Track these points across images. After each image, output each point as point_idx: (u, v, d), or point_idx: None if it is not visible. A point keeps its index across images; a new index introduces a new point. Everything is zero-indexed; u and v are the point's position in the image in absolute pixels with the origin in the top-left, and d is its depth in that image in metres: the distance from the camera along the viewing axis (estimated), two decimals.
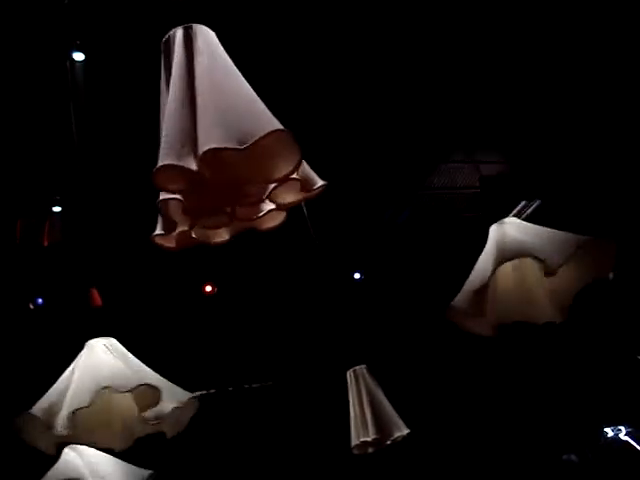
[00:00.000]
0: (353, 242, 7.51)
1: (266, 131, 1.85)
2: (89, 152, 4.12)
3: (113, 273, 5.25)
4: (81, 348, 2.81)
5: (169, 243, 2.14)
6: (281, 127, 1.87)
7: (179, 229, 2.11)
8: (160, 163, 1.88)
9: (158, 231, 2.10)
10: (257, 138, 1.84)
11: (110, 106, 5.02)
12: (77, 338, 2.88)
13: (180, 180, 1.92)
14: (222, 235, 2.20)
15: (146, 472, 3.96)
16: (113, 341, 2.83)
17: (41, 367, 5.32)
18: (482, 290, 2.86)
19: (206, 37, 2.16)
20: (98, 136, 4.94)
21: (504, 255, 2.88)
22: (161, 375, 2.81)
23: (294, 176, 1.97)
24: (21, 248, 6.15)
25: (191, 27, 2.15)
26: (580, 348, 7.99)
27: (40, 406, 2.68)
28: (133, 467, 3.97)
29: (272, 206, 2.14)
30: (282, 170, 1.95)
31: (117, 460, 3.90)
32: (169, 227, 2.08)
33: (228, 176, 1.98)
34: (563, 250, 2.79)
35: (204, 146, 1.84)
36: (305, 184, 2.06)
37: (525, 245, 2.86)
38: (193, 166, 1.87)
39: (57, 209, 6.01)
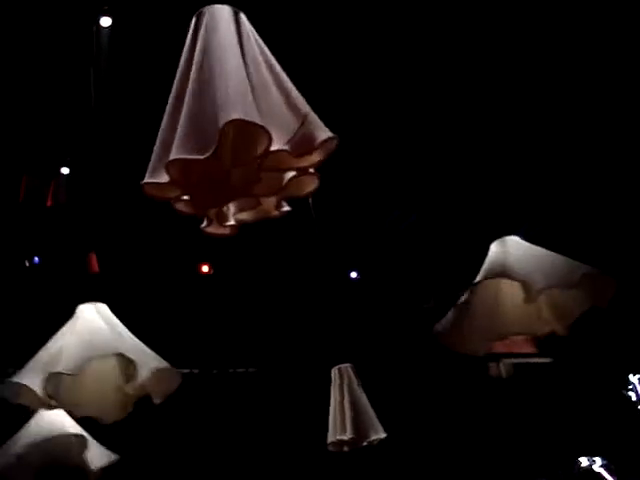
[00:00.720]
0: (353, 242, 7.53)
1: (220, 125, 1.83)
2: (105, 118, 4.12)
3: (113, 241, 5.24)
4: (72, 311, 2.80)
5: (221, 230, 2.15)
6: (238, 116, 1.85)
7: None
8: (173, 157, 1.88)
9: (206, 224, 2.12)
10: (216, 138, 1.83)
11: (130, 75, 5.02)
12: (69, 301, 2.87)
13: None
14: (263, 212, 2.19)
15: (113, 455, 3.99)
16: (104, 308, 2.83)
17: (30, 325, 5.34)
18: (462, 307, 2.87)
19: (220, 20, 2.12)
20: (115, 103, 4.94)
21: (485, 274, 2.89)
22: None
23: (281, 148, 1.92)
24: (24, 205, 6.15)
25: (218, 9, 2.13)
26: (567, 378, 8.01)
27: (30, 368, 2.66)
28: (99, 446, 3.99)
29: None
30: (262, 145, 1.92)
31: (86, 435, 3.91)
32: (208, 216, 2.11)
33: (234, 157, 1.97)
34: (551, 276, 2.79)
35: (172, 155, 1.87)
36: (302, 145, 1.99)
37: (507, 266, 2.86)
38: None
39: (65, 171, 6.01)
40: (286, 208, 2.17)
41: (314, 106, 2.02)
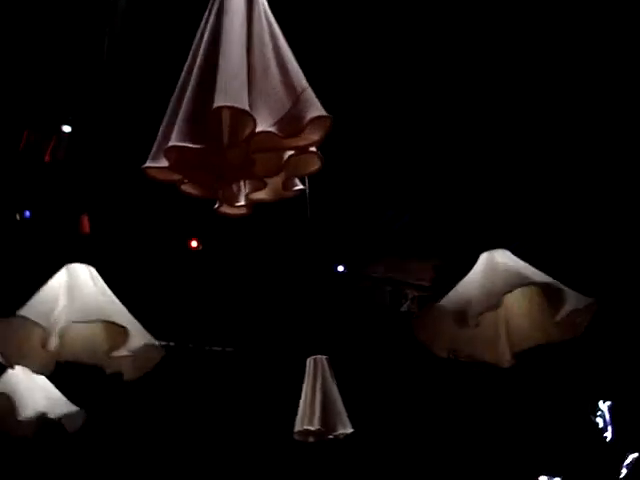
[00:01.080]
0: (345, 237, 7.54)
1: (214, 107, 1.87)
2: (113, 82, 4.11)
3: (106, 205, 5.24)
4: (58, 268, 2.78)
5: (234, 211, 2.16)
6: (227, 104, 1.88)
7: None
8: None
9: (233, 204, 2.13)
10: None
11: (145, 44, 5.00)
12: (56, 258, 2.87)
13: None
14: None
15: (74, 408, 3.96)
16: (94, 271, 2.80)
17: (15, 278, 5.34)
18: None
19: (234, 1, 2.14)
20: (125, 69, 4.92)
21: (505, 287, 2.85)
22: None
23: (267, 129, 1.94)
24: (21, 158, 6.14)
25: None
26: (536, 397, 8.06)
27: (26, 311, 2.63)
28: (64, 399, 3.96)
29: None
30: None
31: (52, 387, 3.90)
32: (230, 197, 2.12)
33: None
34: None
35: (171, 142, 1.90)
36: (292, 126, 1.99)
37: (522, 274, 2.86)
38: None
39: (67, 129, 6.00)
40: (299, 187, 2.17)
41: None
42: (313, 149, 2.04)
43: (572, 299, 2.84)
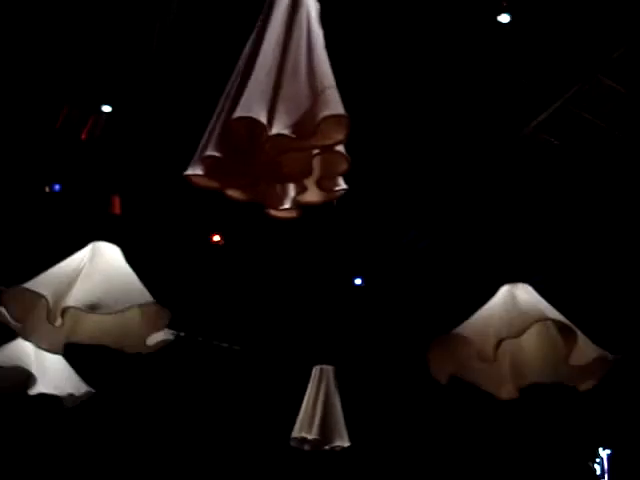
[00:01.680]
0: (366, 252, 7.55)
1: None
2: (159, 70, 4.15)
3: (136, 189, 5.28)
4: (82, 244, 2.78)
5: (283, 213, 2.19)
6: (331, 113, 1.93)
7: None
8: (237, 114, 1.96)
9: (279, 207, 2.16)
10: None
11: (197, 35, 5.04)
12: (81, 236, 2.87)
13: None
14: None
15: (84, 387, 3.96)
16: (119, 251, 2.80)
17: (38, 250, 5.38)
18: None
19: (311, 6, 2.20)
20: (173, 61, 4.97)
21: (525, 322, 2.83)
22: None
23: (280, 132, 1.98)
24: (58, 133, 6.19)
25: None
26: (535, 437, 8.02)
27: (41, 283, 2.60)
28: (76, 376, 3.97)
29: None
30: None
31: (66, 363, 3.91)
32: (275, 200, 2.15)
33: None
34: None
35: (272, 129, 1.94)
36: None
37: (541, 310, 2.84)
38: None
39: (107, 108, 6.05)
40: (339, 187, 2.17)
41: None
42: (339, 148, 2.05)
43: (587, 347, 2.81)
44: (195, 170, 2.04)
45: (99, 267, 2.66)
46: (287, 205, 2.18)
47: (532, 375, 3.02)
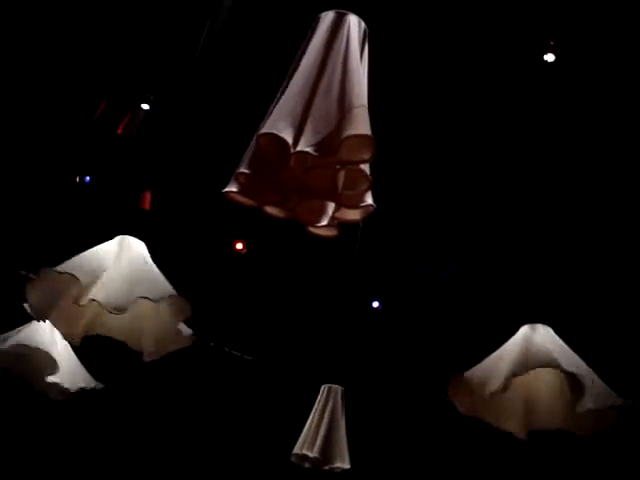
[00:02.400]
0: (387, 278, 7.54)
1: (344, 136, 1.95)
2: (202, 74, 4.17)
3: (168, 188, 5.32)
4: (108, 237, 2.79)
5: (321, 231, 2.19)
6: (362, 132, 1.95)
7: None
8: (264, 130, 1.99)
9: (321, 223, 2.15)
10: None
11: (244, 44, 5.09)
12: (107, 228, 2.89)
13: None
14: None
15: (93, 382, 3.96)
16: (145, 247, 2.80)
17: (64, 238, 5.42)
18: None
19: (353, 28, 2.21)
20: (218, 66, 5.00)
21: (531, 363, 2.80)
22: None
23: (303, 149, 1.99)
24: (95, 126, 6.25)
25: (345, 14, 2.23)
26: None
27: (71, 267, 2.58)
28: (85, 370, 3.98)
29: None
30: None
31: (75, 357, 3.92)
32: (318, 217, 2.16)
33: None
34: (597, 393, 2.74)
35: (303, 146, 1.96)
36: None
37: (552, 355, 2.80)
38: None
39: (145, 106, 6.11)
40: (367, 202, 2.14)
41: None
42: (362, 167, 2.04)
43: (597, 396, 2.76)
44: (231, 187, 2.09)
45: (125, 262, 2.67)
46: (325, 222, 2.18)
47: (543, 420, 2.99)
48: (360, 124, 1.98)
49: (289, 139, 1.96)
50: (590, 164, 5.63)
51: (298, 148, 1.96)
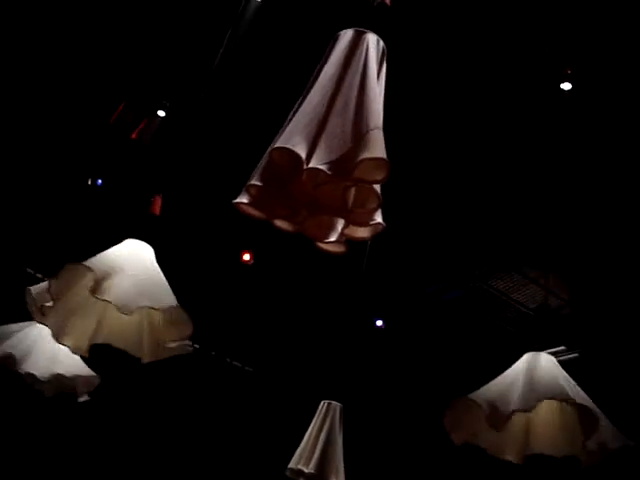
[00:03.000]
0: (390, 296, 7.52)
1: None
2: (220, 84, 4.20)
3: (179, 196, 5.34)
4: (117, 240, 2.80)
5: (330, 247, 2.19)
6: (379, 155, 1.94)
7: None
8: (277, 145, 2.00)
9: (330, 239, 2.15)
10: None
11: (264, 56, 5.11)
12: (116, 231, 2.89)
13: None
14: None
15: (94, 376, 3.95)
16: (152, 251, 2.81)
17: (73, 240, 5.42)
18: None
19: (372, 47, 2.22)
20: (237, 77, 5.03)
21: (541, 395, 2.79)
22: None
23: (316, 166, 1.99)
24: (110, 129, 6.28)
25: (364, 32, 2.23)
26: None
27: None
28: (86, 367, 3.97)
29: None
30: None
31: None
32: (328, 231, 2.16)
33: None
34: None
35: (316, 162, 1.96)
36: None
37: (564, 389, 2.79)
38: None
39: (161, 113, 6.14)
40: (376, 221, 2.13)
41: None
42: (375, 187, 2.04)
43: (607, 433, 2.76)
44: (241, 198, 2.09)
45: (133, 266, 2.67)
46: (333, 238, 2.18)
47: (543, 447, 2.97)
48: (376, 147, 1.98)
49: (302, 154, 1.97)
50: (604, 193, 5.61)
51: (311, 164, 1.96)
